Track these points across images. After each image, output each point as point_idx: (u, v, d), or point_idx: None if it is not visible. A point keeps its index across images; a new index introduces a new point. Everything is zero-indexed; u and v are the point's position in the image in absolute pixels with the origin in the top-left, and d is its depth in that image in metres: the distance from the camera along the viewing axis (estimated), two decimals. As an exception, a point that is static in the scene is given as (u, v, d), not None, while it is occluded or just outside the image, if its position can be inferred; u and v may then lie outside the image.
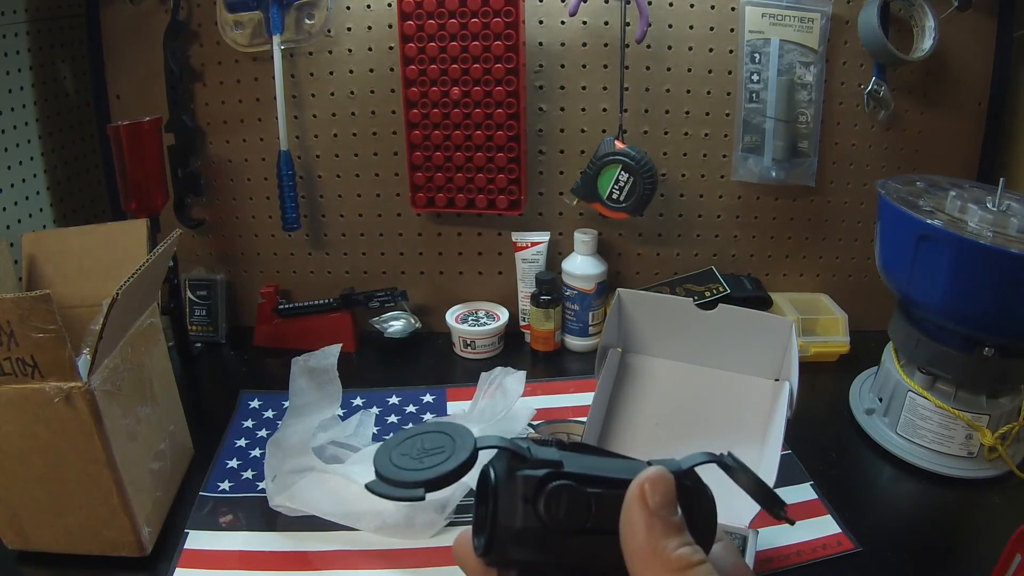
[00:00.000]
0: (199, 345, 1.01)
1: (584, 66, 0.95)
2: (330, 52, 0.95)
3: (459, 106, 0.92)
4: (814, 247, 1.05)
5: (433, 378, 0.94)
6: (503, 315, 1.02)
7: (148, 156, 0.87)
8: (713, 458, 0.29)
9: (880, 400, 0.83)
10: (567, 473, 0.26)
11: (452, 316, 1.01)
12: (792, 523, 0.31)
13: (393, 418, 0.85)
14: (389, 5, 0.93)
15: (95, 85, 0.98)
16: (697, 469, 0.29)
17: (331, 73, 0.96)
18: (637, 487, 0.26)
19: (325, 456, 0.73)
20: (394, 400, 0.89)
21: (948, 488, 0.74)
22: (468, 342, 0.99)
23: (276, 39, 0.90)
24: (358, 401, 0.88)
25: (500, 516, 0.26)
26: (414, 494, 0.25)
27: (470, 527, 0.29)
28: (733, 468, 0.29)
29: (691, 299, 0.71)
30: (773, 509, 0.30)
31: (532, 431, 0.82)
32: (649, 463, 0.28)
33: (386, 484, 0.26)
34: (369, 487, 0.26)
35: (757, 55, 0.94)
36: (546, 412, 0.86)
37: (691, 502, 0.28)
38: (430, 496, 0.45)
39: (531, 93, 0.96)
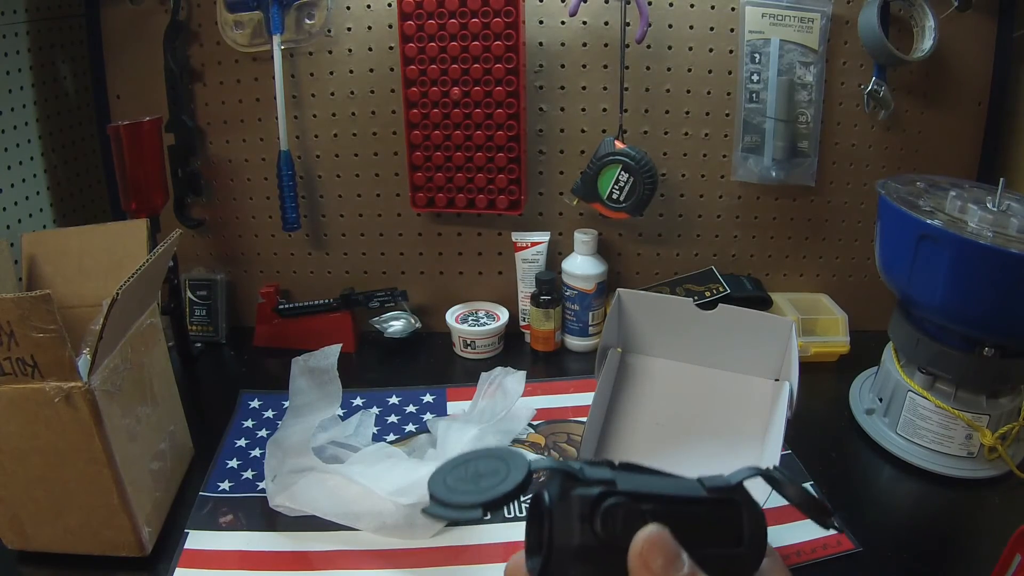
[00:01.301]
0: (199, 345, 1.01)
1: (584, 66, 0.95)
2: (330, 52, 0.95)
3: (459, 106, 0.92)
4: (814, 247, 1.05)
5: (433, 378, 0.94)
6: (503, 315, 1.02)
7: (148, 156, 0.87)
8: (760, 472, 0.30)
9: (880, 400, 0.83)
10: (621, 491, 0.27)
11: (452, 316, 1.01)
12: (841, 531, 0.30)
13: (393, 418, 0.85)
14: (389, 5, 0.93)
15: (95, 85, 0.98)
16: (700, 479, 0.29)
17: (331, 73, 0.96)
18: (637, 556, 0.26)
19: (325, 456, 0.73)
20: (394, 400, 0.89)
21: (948, 488, 0.74)
22: (468, 342, 0.99)
23: (276, 39, 0.90)
24: (358, 401, 0.88)
25: (556, 536, 0.26)
26: (472, 515, 0.26)
27: (522, 551, 0.29)
28: (780, 481, 0.30)
29: (691, 299, 0.71)
30: (821, 518, 0.30)
31: (532, 431, 0.82)
32: (700, 480, 0.29)
33: (443, 506, 0.26)
34: (426, 511, 0.26)
35: (757, 55, 0.94)
36: (546, 412, 0.86)
37: (741, 517, 0.28)
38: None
39: (531, 93, 0.96)
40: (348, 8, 0.94)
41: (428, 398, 0.89)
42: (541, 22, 0.94)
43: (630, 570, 0.26)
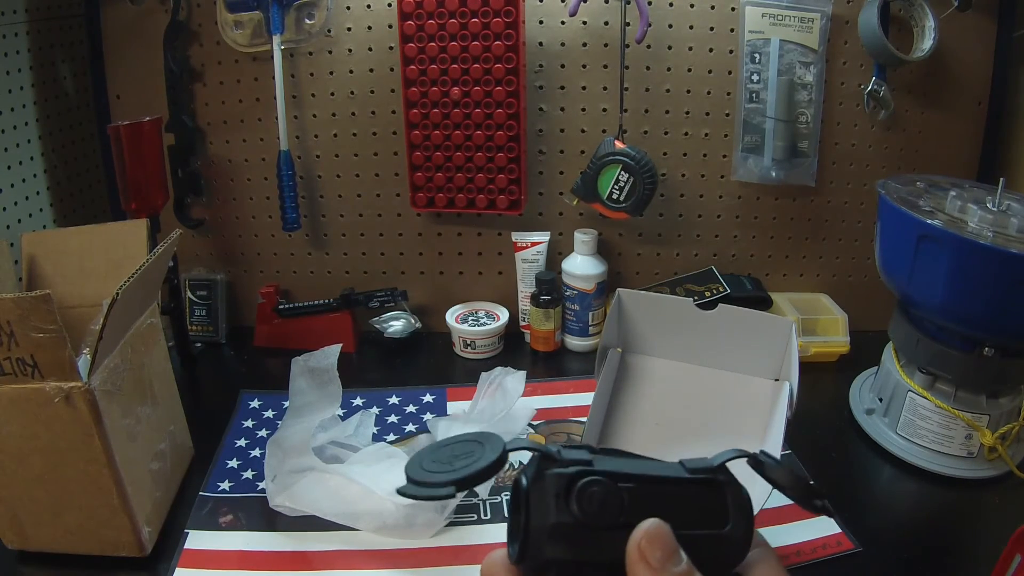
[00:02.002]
0: (199, 345, 1.01)
1: (584, 66, 0.95)
2: (330, 52, 0.95)
3: (459, 106, 0.92)
4: (814, 247, 1.05)
5: (433, 378, 0.94)
6: (503, 315, 1.02)
7: (148, 156, 0.87)
8: (745, 454, 0.29)
9: (880, 400, 0.83)
10: (598, 471, 0.26)
11: (452, 316, 1.01)
12: (832, 515, 0.30)
13: (393, 418, 0.85)
14: (389, 5, 0.93)
15: (95, 85, 0.98)
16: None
17: (331, 73, 0.96)
18: (635, 548, 0.25)
19: (325, 456, 0.73)
20: (394, 400, 0.89)
21: (948, 488, 0.74)
22: (468, 342, 0.99)
23: (276, 39, 0.90)
24: (358, 401, 0.88)
25: (533, 516, 0.26)
26: (445, 492, 0.25)
27: (498, 549, 0.28)
28: (765, 464, 0.30)
29: (691, 299, 0.71)
30: (812, 502, 0.30)
31: (532, 431, 0.82)
32: (682, 463, 0.28)
33: (416, 486, 0.26)
34: (400, 491, 0.26)
35: (757, 55, 0.94)
36: (546, 412, 0.86)
37: (725, 498, 0.28)
38: None
39: (531, 93, 0.96)
40: (348, 8, 0.94)
41: (428, 398, 0.89)
42: (541, 22, 0.94)
43: (628, 562, 0.26)
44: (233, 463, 0.77)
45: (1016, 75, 0.96)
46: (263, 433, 0.82)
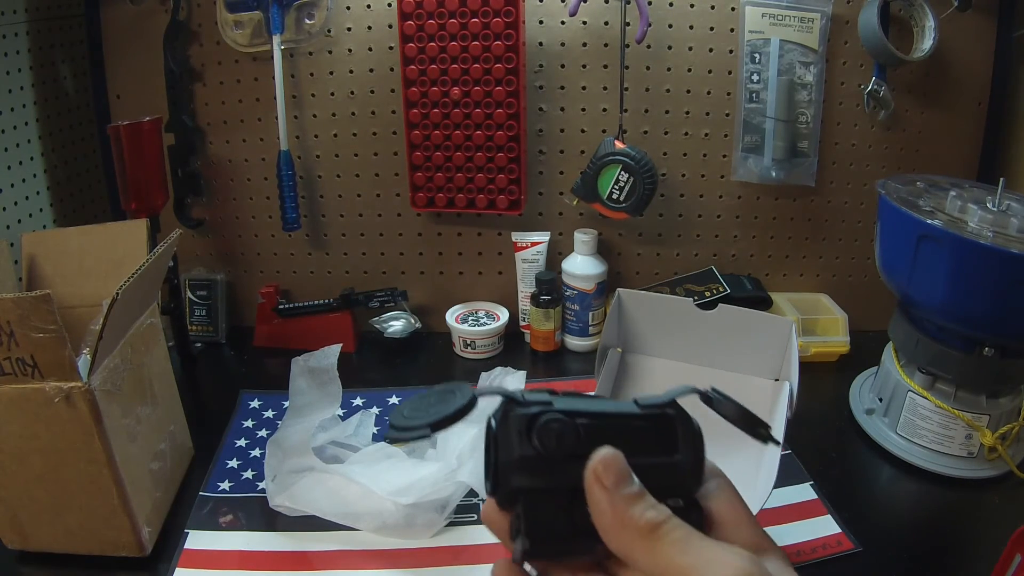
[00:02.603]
0: (199, 345, 1.01)
1: (584, 66, 0.95)
2: (330, 52, 0.95)
3: (459, 106, 0.92)
4: (814, 247, 1.05)
5: (433, 378, 0.94)
6: (503, 315, 1.02)
7: (148, 156, 0.87)
8: (694, 390, 0.32)
9: (880, 400, 0.83)
10: (556, 409, 0.30)
11: (452, 316, 1.01)
12: (778, 444, 0.34)
13: (393, 418, 0.85)
14: (389, 5, 0.93)
15: (95, 85, 0.98)
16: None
17: (331, 73, 0.96)
18: (591, 472, 0.28)
19: (325, 456, 0.73)
20: (394, 400, 0.89)
21: (948, 488, 0.74)
22: (468, 342, 0.99)
23: (276, 39, 0.90)
24: (358, 401, 0.88)
25: (501, 452, 0.30)
26: (421, 434, 0.29)
27: (504, 559, 0.31)
28: (716, 400, 0.32)
29: (691, 299, 0.71)
30: (757, 431, 0.33)
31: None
32: (635, 400, 0.31)
33: (397, 431, 0.30)
34: (386, 438, 0.30)
35: (757, 55, 0.94)
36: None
37: (675, 430, 0.31)
38: (430, 496, 0.53)
39: (531, 93, 0.96)
40: (348, 8, 0.94)
41: (428, 398, 0.89)
42: (541, 22, 0.94)
43: (586, 486, 0.29)
44: (233, 463, 0.77)
45: (1016, 75, 0.96)
46: (263, 433, 0.82)
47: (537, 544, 0.30)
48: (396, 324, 1.00)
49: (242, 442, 0.81)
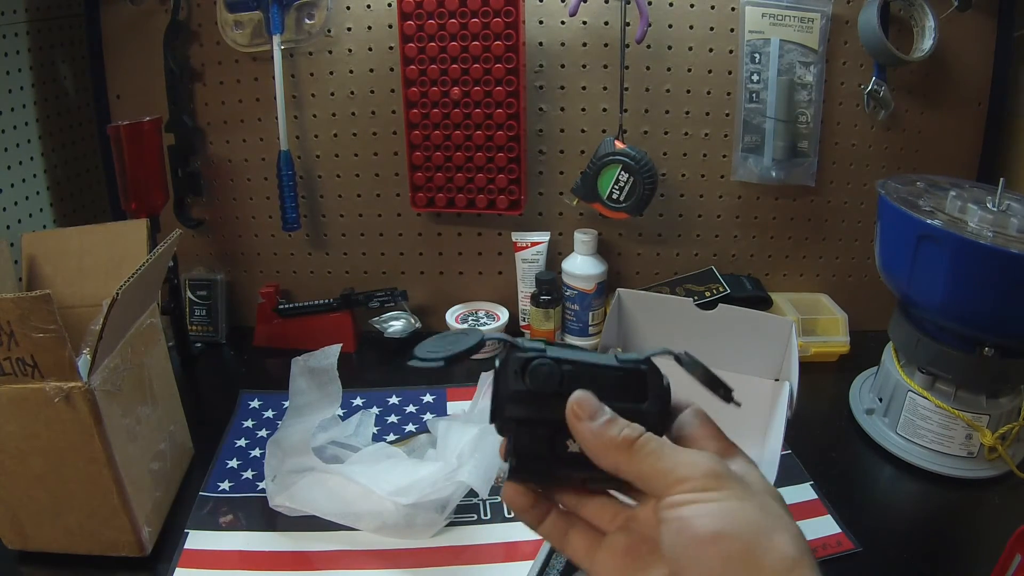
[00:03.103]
0: (199, 345, 1.01)
1: (584, 66, 0.95)
2: (330, 52, 0.95)
3: (459, 106, 0.92)
4: (814, 247, 1.05)
5: (433, 378, 0.94)
6: (503, 315, 1.02)
7: (148, 156, 0.87)
8: (668, 351, 0.37)
9: (880, 400, 0.83)
10: (546, 356, 0.36)
11: (452, 316, 1.01)
12: (739, 405, 0.38)
13: (393, 418, 0.85)
14: (389, 5, 0.93)
15: (95, 85, 0.98)
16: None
17: (331, 73, 0.96)
18: (570, 411, 0.35)
19: (325, 456, 0.73)
20: (394, 400, 0.89)
21: (948, 488, 0.74)
22: (468, 342, 0.98)
23: (276, 39, 0.90)
24: (358, 401, 0.88)
25: (500, 387, 0.36)
26: (437, 364, 0.37)
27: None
28: (685, 362, 0.37)
29: (691, 299, 0.71)
30: (719, 391, 0.38)
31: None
32: (615, 355, 0.37)
33: (419, 360, 0.37)
34: (408, 363, 0.38)
35: (757, 55, 0.94)
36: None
37: (645, 382, 0.37)
38: (430, 496, 0.60)
39: (531, 93, 0.96)
40: (348, 8, 0.94)
41: (428, 398, 0.89)
42: (541, 22, 0.94)
43: (568, 424, 0.35)
44: (233, 463, 0.77)
45: (1016, 75, 0.96)
46: (263, 433, 0.82)
47: (523, 463, 0.36)
48: (396, 324, 1.00)
49: (242, 442, 0.81)
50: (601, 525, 0.38)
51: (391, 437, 0.82)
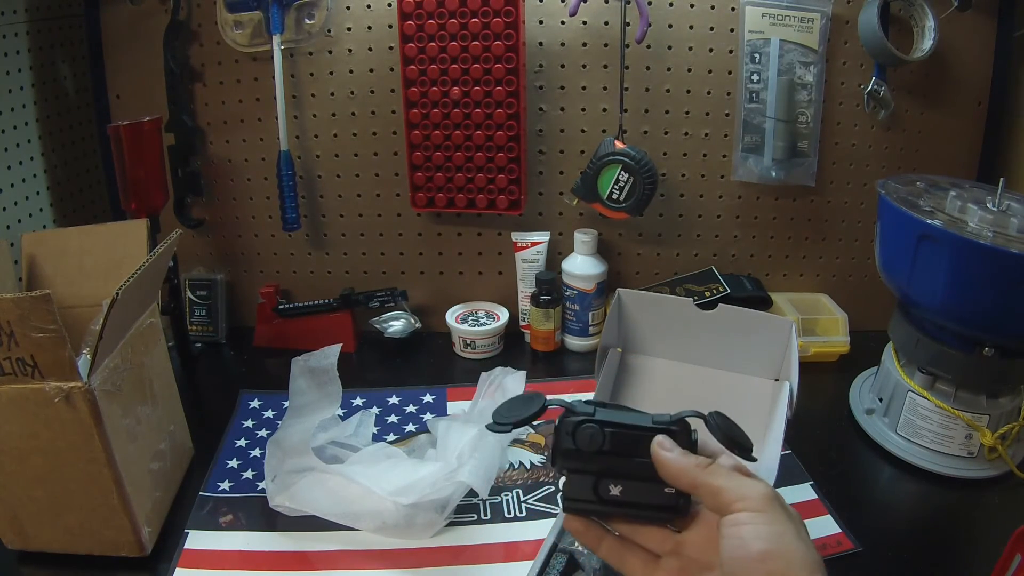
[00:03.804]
0: (199, 345, 1.01)
1: (584, 66, 0.95)
2: (330, 52, 0.95)
3: (459, 106, 0.92)
4: (814, 247, 1.05)
5: (433, 378, 0.94)
6: (503, 315, 1.02)
7: (148, 156, 0.87)
8: (697, 413, 0.45)
9: (880, 400, 0.83)
10: (594, 420, 0.44)
11: (452, 316, 1.01)
12: (755, 460, 0.44)
13: (393, 418, 0.85)
14: (389, 5, 0.93)
15: (95, 85, 0.98)
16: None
17: (331, 73, 0.96)
18: (656, 446, 0.43)
19: (325, 456, 0.73)
20: (394, 400, 0.89)
21: (948, 488, 0.74)
22: (468, 342, 0.99)
23: (276, 39, 0.90)
24: (358, 401, 0.88)
25: (557, 443, 0.45)
26: (503, 429, 0.46)
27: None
28: (711, 425, 0.44)
29: (691, 299, 0.71)
30: (737, 451, 0.44)
31: (532, 431, 0.82)
32: (652, 417, 0.45)
33: (496, 425, 0.46)
34: (487, 427, 0.47)
35: (757, 55, 0.94)
36: (546, 412, 0.86)
37: (676, 439, 0.44)
38: (430, 496, 0.65)
39: (531, 93, 0.96)
40: (348, 8, 0.94)
41: (428, 398, 0.89)
42: (541, 22, 0.94)
43: (653, 456, 0.43)
44: (233, 463, 0.77)
45: (1016, 75, 0.96)
46: (263, 433, 0.82)
47: (570, 501, 0.46)
48: (396, 324, 1.00)
49: (242, 442, 0.81)
50: (654, 549, 0.45)
51: (391, 437, 0.82)
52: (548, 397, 0.47)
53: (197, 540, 0.66)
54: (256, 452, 0.79)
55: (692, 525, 0.44)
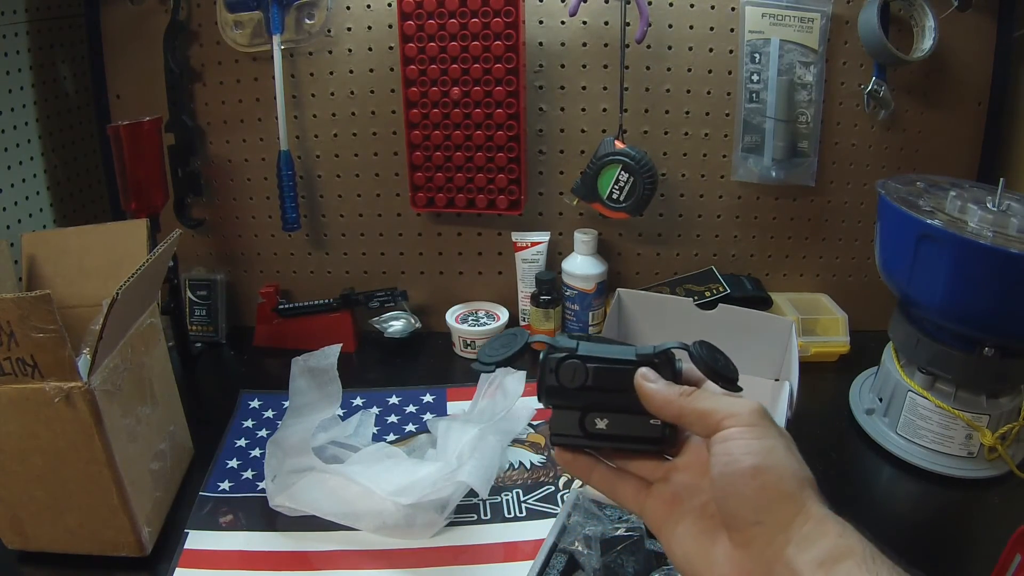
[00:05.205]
0: (199, 345, 1.01)
1: (584, 66, 0.95)
2: (330, 52, 0.95)
3: (459, 106, 0.92)
4: (814, 247, 1.05)
5: (433, 378, 0.94)
6: (503, 315, 1.02)
7: (148, 156, 0.87)
8: (681, 345, 0.44)
9: (880, 400, 0.83)
10: (576, 355, 0.44)
11: (452, 316, 1.01)
12: (740, 390, 0.43)
13: (393, 418, 0.85)
14: (389, 5, 0.93)
15: (95, 85, 0.98)
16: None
17: (331, 73, 0.96)
18: (639, 378, 0.42)
19: (325, 456, 0.73)
20: (394, 400, 0.89)
21: (948, 488, 0.74)
22: (468, 342, 0.99)
23: (276, 39, 0.90)
24: (358, 401, 0.88)
25: (541, 380, 0.44)
26: (488, 369, 0.46)
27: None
28: (694, 356, 0.43)
29: (691, 299, 0.71)
30: (721, 383, 0.43)
31: (532, 431, 0.82)
32: (635, 349, 0.44)
33: (480, 364, 0.46)
34: (472, 367, 0.47)
35: (757, 55, 0.94)
36: (546, 412, 0.86)
37: (659, 371, 0.43)
38: (430, 496, 0.64)
39: (531, 93, 0.96)
40: (348, 8, 0.94)
41: (428, 398, 0.89)
42: (541, 22, 0.94)
43: (637, 388, 0.42)
44: (233, 463, 0.77)
45: (1016, 75, 0.96)
46: (263, 433, 0.82)
47: (556, 436, 0.45)
48: (396, 324, 1.00)
49: (242, 442, 0.81)
50: (645, 476, 0.45)
51: (391, 437, 0.82)
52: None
53: (197, 540, 0.66)
54: (256, 452, 0.79)
55: (682, 452, 0.44)
